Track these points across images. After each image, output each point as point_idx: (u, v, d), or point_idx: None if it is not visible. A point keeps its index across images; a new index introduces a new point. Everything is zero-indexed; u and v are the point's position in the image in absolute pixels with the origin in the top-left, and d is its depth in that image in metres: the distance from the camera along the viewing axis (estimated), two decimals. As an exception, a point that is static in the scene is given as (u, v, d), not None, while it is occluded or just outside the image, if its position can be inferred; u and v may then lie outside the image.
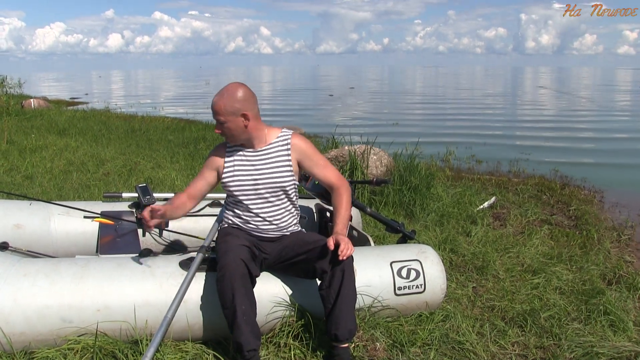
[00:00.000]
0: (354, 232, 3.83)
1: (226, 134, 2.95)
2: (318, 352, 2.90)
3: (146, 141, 10.68)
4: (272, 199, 3.00)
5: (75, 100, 30.42)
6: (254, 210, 3.00)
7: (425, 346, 3.06)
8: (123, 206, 3.95)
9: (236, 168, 3.00)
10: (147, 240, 3.67)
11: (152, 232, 3.81)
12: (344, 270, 2.79)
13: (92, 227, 3.76)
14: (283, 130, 3.06)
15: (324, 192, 3.58)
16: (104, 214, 3.77)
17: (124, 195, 4.14)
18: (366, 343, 3.02)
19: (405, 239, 3.83)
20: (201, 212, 3.96)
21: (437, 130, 16.23)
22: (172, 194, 4.11)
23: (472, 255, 4.57)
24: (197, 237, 3.81)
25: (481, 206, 6.27)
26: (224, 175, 3.01)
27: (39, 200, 3.86)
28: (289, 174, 2.99)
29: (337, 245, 2.76)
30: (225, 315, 2.71)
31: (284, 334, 2.95)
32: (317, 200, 4.02)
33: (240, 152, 3.02)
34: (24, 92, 22.79)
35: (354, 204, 3.73)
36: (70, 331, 2.67)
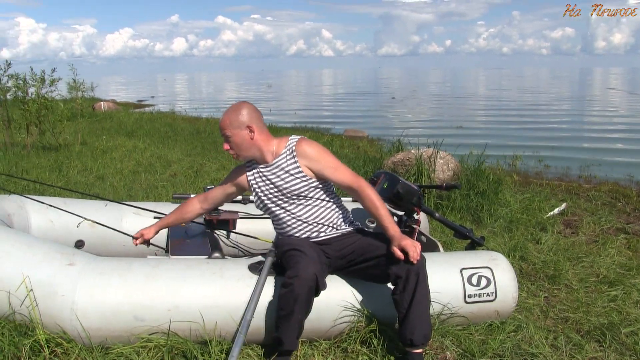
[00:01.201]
0: (423, 238, 3.76)
1: (234, 148, 2.98)
2: (386, 359, 2.85)
3: (211, 143, 10.85)
4: (302, 201, 2.99)
5: (142, 102, 31.34)
6: (293, 216, 3.00)
7: (497, 357, 2.95)
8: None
9: (259, 186, 3.04)
10: (214, 241, 3.71)
11: (220, 234, 3.86)
12: (419, 273, 2.74)
13: (162, 227, 3.84)
14: (290, 138, 3.03)
15: (392, 197, 3.53)
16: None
17: (193, 196, 4.20)
18: (436, 352, 2.95)
19: (474, 245, 3.74)
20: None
21: (503, 133, 15.89)
22: (240, 196, 4.15)
23: (543, 263, 4.40)
24: (263, 240, 3.82)
25: (551, 213, 6.07)
26: (253, 196, 3.10)
27: (111, 200, 3.95)
28: (303, 181, 2.95)
29: (404, 251, 2.72)
30: (279, 314, 2.74)
31: (351, 340, 2.92)
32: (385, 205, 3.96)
33: (256, 170, 3.06)
34: (95, 95, 23.61)
35: (422, 208, 3.67)
36: (143, 329, 2.72)
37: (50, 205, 3.74)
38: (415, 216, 3.62)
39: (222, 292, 2.81)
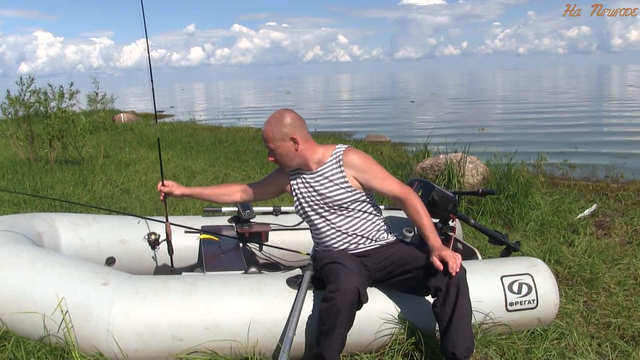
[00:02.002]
0: (459, 245, 3.69)
1: (279, 160, 2.95)
2: (429, 372, 2.78)
3: (234, 152, 10.83)
4: (344, 212, 2.94)
5: (162, 113, 31.43)
6: (333, 226, 2.96)
7: (542, 366, 2.88)
8: (222, 220, 3.97)
9: (302, 192, 3.01)
10: (249, 255, 3.66)
11: (253, 246, 3.81)
12: (459, 285, 2.66)
13: (193, 242, 3.80)
14: (337, 147, 2.98)
15: (427, 204, 3.46)
16: (204, 229, 3.79)
17: (224, 209, 4.15)
18: (479, 363, 2.89)
19: (509, 251, 3.67)
20: (302, 226, 3.90)
21: (525, 135, 15.62)
22: (271, 208, 4.10)
23: (579, 267, 4.31)
24: (297, 252, 3.76)
25: (581, 214, 5.95)
26: (294, 202, 3.06)
27: (140, 217, 3.91)
28: (347, 192, 2.90)
29: (443, 262, 2.66)
30: (320, 329, 2.67)
31: (393, 352, 2.86)
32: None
33: (300, 177, 3.02)
34: (114, 107, 23.70)
35: (457, 215, 3.60)
36: (181, 349, 2.67)
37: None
38: (451, 223, 3.56)
39: (262, 308, 2.76)
